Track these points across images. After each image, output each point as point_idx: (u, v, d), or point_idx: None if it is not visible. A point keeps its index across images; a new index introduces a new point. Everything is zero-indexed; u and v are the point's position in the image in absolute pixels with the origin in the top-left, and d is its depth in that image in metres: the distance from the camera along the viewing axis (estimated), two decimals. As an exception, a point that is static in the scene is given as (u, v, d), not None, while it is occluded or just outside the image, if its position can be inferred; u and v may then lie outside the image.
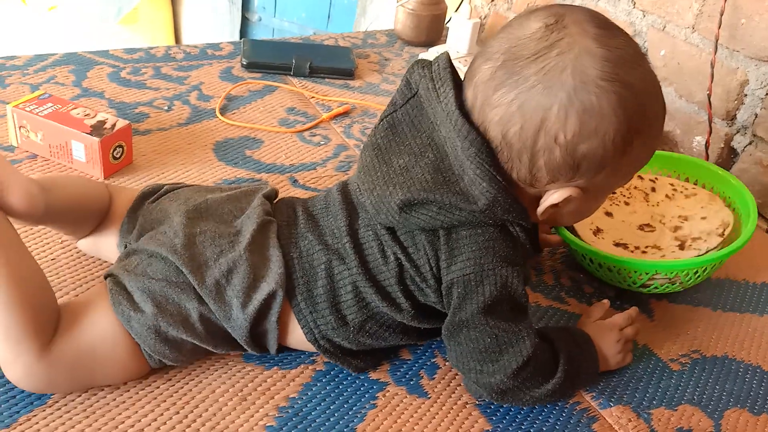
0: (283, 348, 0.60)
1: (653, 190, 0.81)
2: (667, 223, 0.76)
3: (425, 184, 0.52)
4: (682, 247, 0.73)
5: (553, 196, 0.54)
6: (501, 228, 0.54)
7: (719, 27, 0.93)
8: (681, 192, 0.80)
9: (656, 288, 0.70)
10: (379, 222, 0.56)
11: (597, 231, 0.75)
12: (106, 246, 0.65)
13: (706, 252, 0.71)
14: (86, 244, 0.66)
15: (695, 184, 0.82)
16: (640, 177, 0.82)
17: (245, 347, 0.57)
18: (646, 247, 0.73)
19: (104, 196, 0.64)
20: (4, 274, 0.49)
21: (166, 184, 0.66)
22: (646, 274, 0.68)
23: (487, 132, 0.52)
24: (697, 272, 0.69)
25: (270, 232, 0.59)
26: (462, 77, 0.56)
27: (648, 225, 0.77)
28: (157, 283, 0.54)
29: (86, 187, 0.64)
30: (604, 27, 0.52)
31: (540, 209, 0.56)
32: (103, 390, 0.55)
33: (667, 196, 0.80)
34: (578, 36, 0.50)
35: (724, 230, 0.73)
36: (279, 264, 0.56)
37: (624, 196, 0.80)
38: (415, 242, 0.56)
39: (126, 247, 0.61)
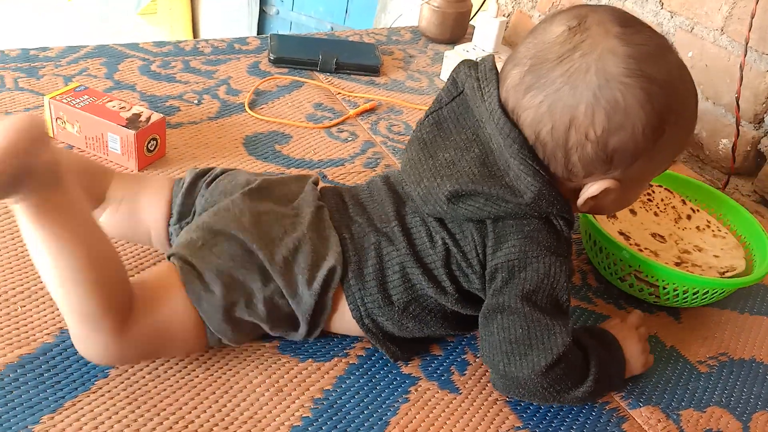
0: (319, 335, 0.61)
1: (689, 218, 0.81)
2: (679, 244, 0.77)
3: (473, 177, 0.54)
4: (678, 264, 0.73)
5: (591, 188, 0.56)
6: (545, 221, 0.56)
7: (749, 30, 0.93)
8: (712, 230, 0.80)
9: (632, 286, 0.71)
10: (427, 212, 0.58)
11: (613, 216, 0.76)
12: (144, 228, 0.64)
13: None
14: (117, 224, 0.64)
15: (728, 228, 0.81)
16: (684, 201, 0.82)
17: (303, 326, 0.58)
18: (645, 248, 0.74)
19: (99, 167, 0.66)
20: (81, 254, 0.48)
21: (216, 168, 0.66)
22: (630, 267, 0.69)
23: (523, 132, 0.55)
24: (676, 287, 0.68)
25: (324, 215, 0.61)
26: None
27: (660, 236, 0.77)
28: (223, 260, 0.55)
29: (81, 159, 0.67)
30: (626, 25, 0.53)
31: (580, 201, 0.57)
32: (144, 378, 0.56)
33: (698, 227, 0.80)
34: (600, 37, 0.52)
35: (726, 272, 0.72)
36: (337, 243, 0.59)
37: (658, 207, 0.81)
38: (462, 230, 0.58)
39: (181, 229, 0.62)
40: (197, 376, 0.57)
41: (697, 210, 0.82)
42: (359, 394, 0.59)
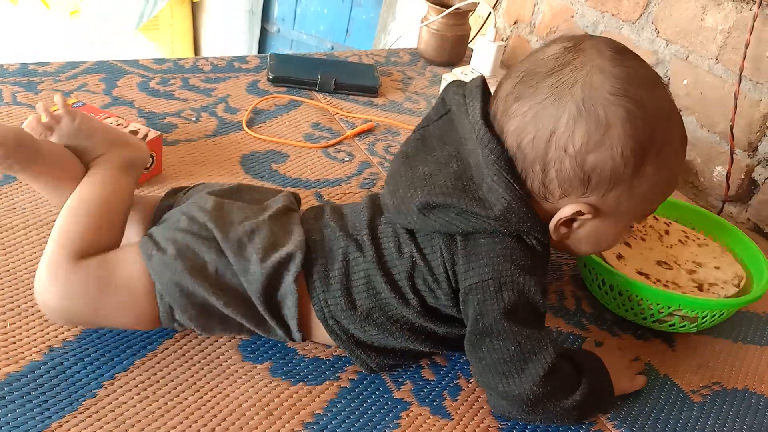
0: (311, 357, 0.61)
1: (667, 233, 0.81)
2: (682, 265, 0.77)
3: (445, 189, 0.55)
4: (700, 288, 0.73)
5: (563, 210, 0.56)
6: (518, 239, 0.56)
7: (744, 59, 0.94)
8: (693, 240, 0.81)
9: (672, 325, 0.70)
10: (399, 223, 0.59)
11: (620, 257, 0.76)
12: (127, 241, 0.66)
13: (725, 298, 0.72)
14: None
15: (700, 232, 0.83)
16: (655, 218, 0.83)
17: (258, 308, 0.58)
18: (666, 281, 0.74)
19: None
20: (99, 194, 0.59)
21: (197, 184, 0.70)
22: (669, 308, 0.68)
23: (505, 141, 0.55)
24: (715, 314, 0.69)
25: (293, 217, 0.63)
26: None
27: (665, 262, 0.77)
28: (180, 232, 0.58)
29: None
30: (620, 51, 0.54)
31: (552, 224, 0.57)
32: (132, 399, 0.56)
33: (680, 240, 0.80)
34: (593, 56, 0.53)
35: (740, 282, 0.74)
36: (300, 236, 0.60)
37: (640, 232, 0.81)
38: (432, 244, 0.58)
39: None
40: (186, 399, 0.57)
41: (670, 223, 0.83)
42: (350, 418, 0.58)
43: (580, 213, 0.55)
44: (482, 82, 0.60)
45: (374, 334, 0.60)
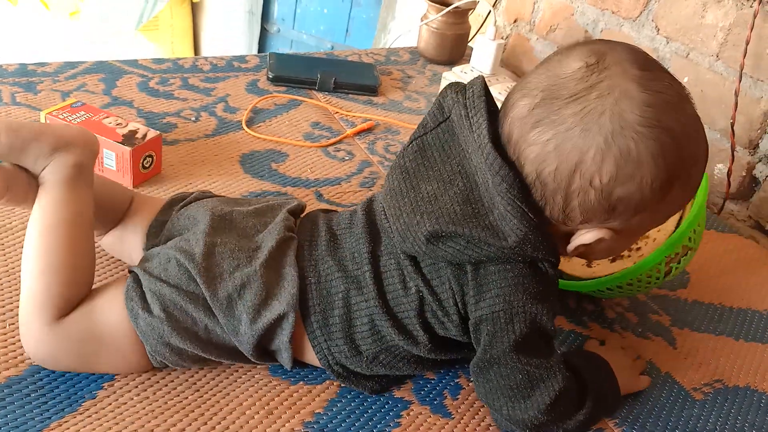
0: (302, 363, 0.61)
1: None
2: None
3: (454, 216, 0.52)
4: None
5: (584, 236, 0.53)
6: (530, 264, 0.53)
7: (744, 56, 0.94)
8: None
9: (677, 268, 0.67)
10: (403, 250, 0.56)
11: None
12: (130, 247, 0.66)
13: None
14: (110, 243, 0.67)
15: None
16: None
17: (253, 361, 0.58)
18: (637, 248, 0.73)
19: (126, 195, 0.66)
20: (60, 246, 0.54)
21: (195, 192, 0.67)
22: (664, 258, 0.65)
23: (523, 168, 0.51)
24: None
25: (289, 249, 0.59)
26: (496, 104, 0.55)
27: None
28: (168, 288, 0.55)
29: (108, 184, 0.66)
30: (646, 68, 0.50)
31: (570, 247, 0.55)
32: (132, 399, 0.55)
33: None
34: (619, 78, 0.49)
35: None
36: (293, 284, 0.56)
37: None
38: (440, 275, 0.55)
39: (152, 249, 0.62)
40: (186, 398, 0.57)
41: None
42: (350, 417, 0.58)
43: (601, 240, 0.53)
44: (484, 89, 0.55)
45: (382, 372, 0.59)
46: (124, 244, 0.66)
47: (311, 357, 0.59)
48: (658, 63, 0.53)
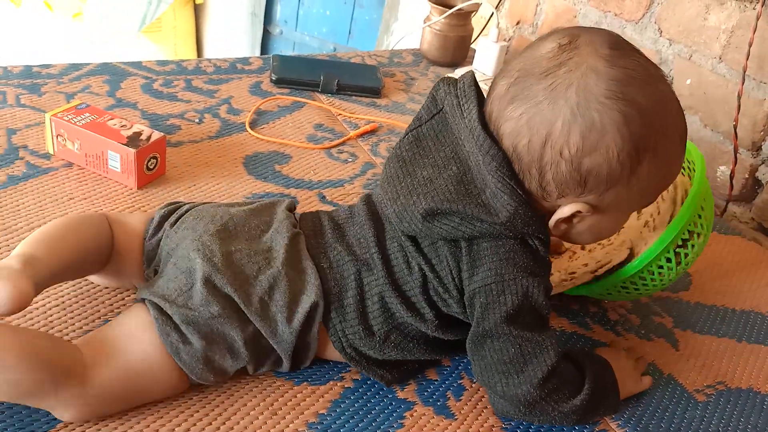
0: (311, 361, 0.61)
1: None
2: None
3: (448, 195, 0.54)
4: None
5: (562, 210, 0.55)
6: (521, 241, 0.55)
7: (747, 58, 0.94)
8: None
9: (687, 255, 0.65)
10: (401, 230, 0.58)
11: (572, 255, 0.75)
12: (126, 277, 0.64)
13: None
14: (102, 279, 0.65)
15: None
16: None
17: (285, 362, 0.58)
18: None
19: (104, 234, 0.61)
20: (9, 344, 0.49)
21: (184, 203, 0.65)
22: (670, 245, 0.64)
23: (501, 144, 0.54)
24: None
25: (300, 244, 0.60)
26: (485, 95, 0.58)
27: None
28: (200, 314, 0.55)
29: (81, 234, 0.59)
30: (616, 47, 0.53)
31: (551, 222, 0.57)
32: (137, 399, 0.56)
33: None
34: (587, 56, 0.52)
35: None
36: (315, 276, 0.58)
37: None
38: (438, 254, 0.57)
39: (156, 272, 0.61)
40: (191, 398, 0.57)
41: None
42: (354, 418, 0.58)
43: (578, 212, 0.55)
44: (473, 80, 0.58)
45: (393, 354, 0.60)
46: (122, 275, 0.64)
47: (327, 350, 0.60)
48: (632, 45, 0.55)
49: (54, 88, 0.97)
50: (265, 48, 2.18)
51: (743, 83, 0.95)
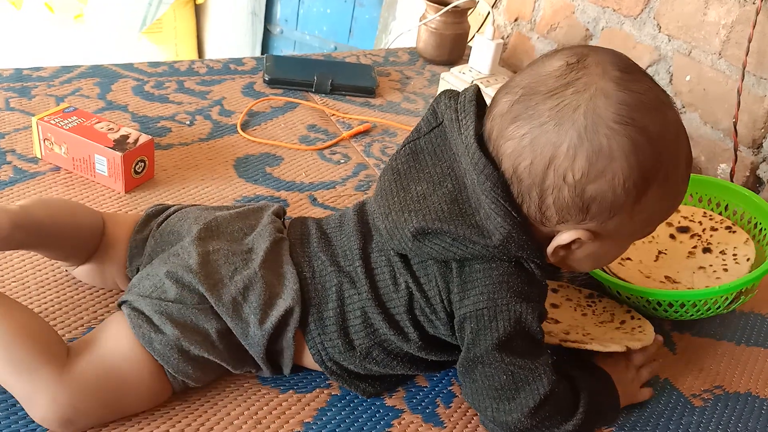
0: (295, 369, 0.60)
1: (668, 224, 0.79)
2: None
3: (440, 214, 0.52)
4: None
5: (561, 237, 0.52)
6: (516, 263, 0.53)
7: (747, 54, 0.92)
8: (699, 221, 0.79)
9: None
10: (391, 248, 0.56)
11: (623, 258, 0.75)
12: (112, 272, 0.64)
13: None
14: (87, 271, 0.65)
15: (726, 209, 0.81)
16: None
17: (261, 365, 0.57)
18: (665, 277, 0.72)
19: (97, 223, 0.63)
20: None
21: (172, 205, 0.66)
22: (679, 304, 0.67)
23: (501, 164, 0.52)
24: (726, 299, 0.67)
25: (283, 249, 0.59)
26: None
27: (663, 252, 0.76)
28: (173, 305, 0.54)
29: (77, 213, 0.62)
30: (627, 71, 0.50)
31: (549, 248, 0.54)
32: (118, 409, 0.55)
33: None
34: (597, 77, 0.49)
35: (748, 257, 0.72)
36: (294, 281, 0.57)
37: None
38: (427, 273, 0.55)
39: (138, 271, 0.60)
40: (173, 408, 0.56)
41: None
42: (341, 426, 0.57)
43: (578, 240, 0.53)
44: (476, 95, 0.55)
45: (375, 370, 0.59)
46: (106, 270, 0.64)
47: (307, 357, 0.59)
48: (641, 68, 0.52)
49: (44, 91, 0.96)
50: (265, 47, 2.17)
51: (743, 79, 0.93)
